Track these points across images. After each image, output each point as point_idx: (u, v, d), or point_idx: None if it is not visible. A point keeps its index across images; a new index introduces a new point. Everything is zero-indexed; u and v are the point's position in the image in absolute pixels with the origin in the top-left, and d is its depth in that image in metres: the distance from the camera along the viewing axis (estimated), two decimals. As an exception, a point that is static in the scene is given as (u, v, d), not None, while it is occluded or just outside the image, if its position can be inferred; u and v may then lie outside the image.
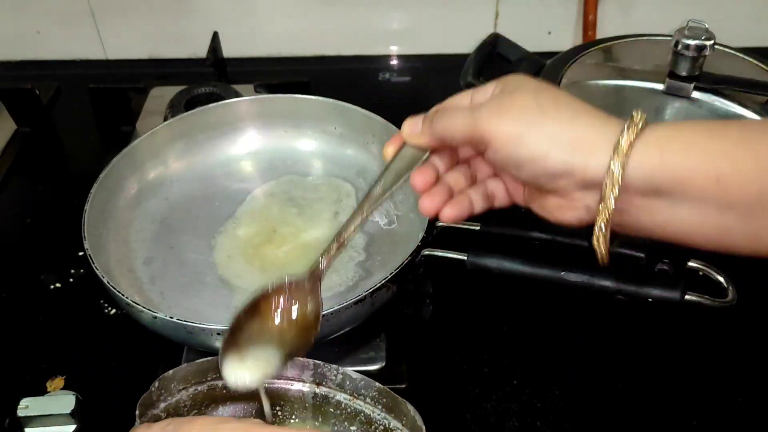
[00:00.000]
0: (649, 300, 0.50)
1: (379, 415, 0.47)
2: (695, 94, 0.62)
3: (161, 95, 0.85)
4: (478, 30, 0.82)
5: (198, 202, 0.67)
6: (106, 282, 0.51)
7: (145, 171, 0.67)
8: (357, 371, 0.56)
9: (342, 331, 0.52)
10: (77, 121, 0.87)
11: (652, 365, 0.58)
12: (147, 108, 0.85)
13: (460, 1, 0.92)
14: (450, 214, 0.45)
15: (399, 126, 0.66)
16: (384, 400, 0.47)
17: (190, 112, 0.69)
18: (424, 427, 0.44)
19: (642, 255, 0.52)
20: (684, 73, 0.61)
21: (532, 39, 0.78)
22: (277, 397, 0.49)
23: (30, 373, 0.57)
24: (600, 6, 0.91)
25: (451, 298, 0.63)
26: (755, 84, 0.62)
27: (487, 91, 0.44)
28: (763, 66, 0.65)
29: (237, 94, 0.80)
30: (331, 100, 0.69)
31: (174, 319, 0.49)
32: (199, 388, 0.47)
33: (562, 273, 0.51)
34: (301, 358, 0.48)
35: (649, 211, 0.40)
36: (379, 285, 0.50)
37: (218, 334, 0.48)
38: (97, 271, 0.52)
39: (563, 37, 0.95)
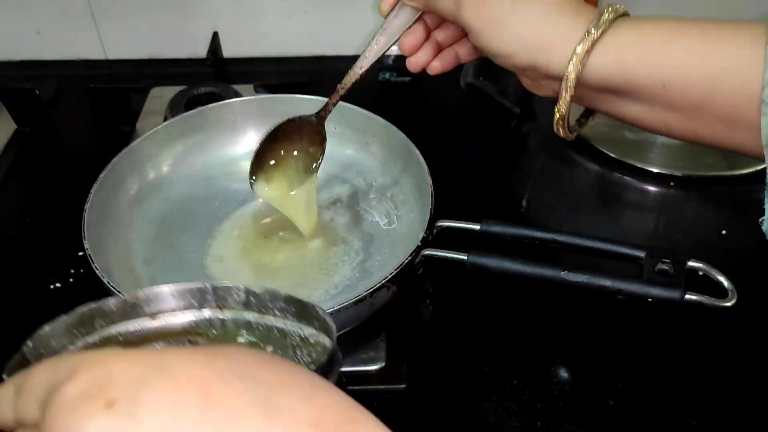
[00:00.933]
0: (650, 300, 0.50)
1: (291, 326, 0.43)
2: (695, 94, 0.61)
3: (161, 95, 0.85)
4: (478, 30, 0.82)
5: (198, 202, 0.67)
6: (106, 282, 0.51)
7: (145, 171, 0.67)
8: (356, 371, 0.57)
9: (342, 332, 0.52)
10: (77, 121, 0.87)
11: (652, 365, 0.58)
12: (147, 108, 0.85)
13: (460, 1, 0.92)
14: (437, 66, 0.53)
15: (399, 126, 0.66)
16: (292, 308, 0.43)
17: (190, 112, 0.69)
18: (334, 327, 0.40)
19: (642, 255, 0.52)
20: (684, 73, 0.61)
21: (532, 39, 0.78)
22: (183, 333, 0.43)
23: (30, 373, 0.57)
24: (600, 6, 0.91)
25: (451, 299, 0.63)
26: (755, 84, 0.62)
27: None
28: (763, 66, 0.65)
29: (237, 94, 0.80)
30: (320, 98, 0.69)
31: None
32: (90, 340, 0.42)
33: (563, 273, 0.51)
34: (196, 284, 0.42)
35: (603, 102, 0.47)
36: (378, 285, 0.50)
37: None
38: (97, 272, 0.52)
39: (563, 37, 0.95)
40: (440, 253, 0.54)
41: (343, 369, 0.57)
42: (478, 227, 0.55)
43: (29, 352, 0.39)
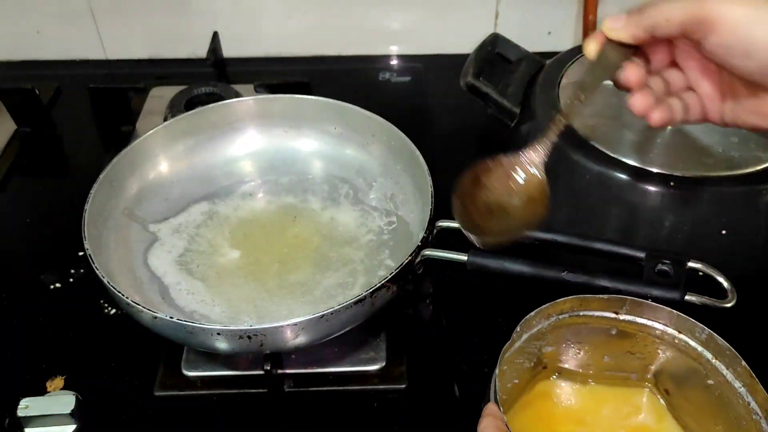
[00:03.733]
0: (650, 300, 0.49)
1: (739, 388, 0.46)
2: (695, 95, 0.62)
3: (161, 95, 0.85)
4: (478, 30, 0.82)
5: (198, 202, 0.67)
6: (106, 282, 0.51)
7: (145, 171, 0.67)
8: (356, 371, 0.57)
9: (342, 331, 0.52)
10: (77, 121, 0.87)
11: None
12: (147, 108, 0.85)
13: (460, 1, 0.92)
14: (658, 118, 0.44)
15: (399, 126, 0.66)
16: (746, 380, 0.46)
17: (190, 112, 0.69)
18: None
19: (642, 255, 0.52)
20: (684, 73, 0.61)
21: (532, 39, 0.78)
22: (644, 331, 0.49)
23: (30, 373, 0.57)
24: (600, 6, 0.91)
25: (452, 299, 0.63)
26: (755, 84, 0.62)
27: None
28: (763, 66, 0.66)
29: (237, 94, 0.80)
30: (330, 100, 0.69)
31: (174, 320, 0.49)
32: (559, 317, 0.49)
33: (563, 273, 0.51)
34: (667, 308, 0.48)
35: None
36: (378, 285, 0.50)
37: (218, 334, 0.48)
38: (97, 271, 0.52)
39: (563, 37, 0.95)
40: (440, 254, 0.54)
41: (343, 369, 0.57)
42: None
43: (516, 335, 0.47)
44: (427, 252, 0.54)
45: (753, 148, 0.57)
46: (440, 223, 0.56)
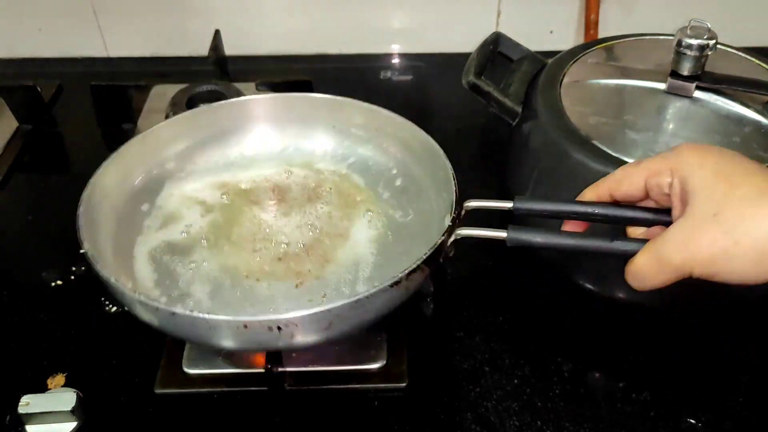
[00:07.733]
0: None
1: None
2: (697, 94, 0.61)
3: (163, 93, 0.85)
4: (480, 29, 0.82)
5: (201, 202, 0.66)
6: (112, 282, 0.49)
7: (137, 174, 0.65)
8: (357, 370, 0.56)
9: (375, 320, 0.50)
10: (79, 119, 0.87)
11: (654, 365, 0.58)
12: (148, 106, 0.85)
13: (462, -1, 0.92)
14: None
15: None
16: None
17: (190, 111, 0.67)
18: None
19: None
20: (686, 73, 0.61)
21: (534, 38, 0.78)
22: None
23: (31, 370, 0.58)
24: (602, 5, 0.91)
25: (453, 297, 0.63)
26: (757, 84, 0.62)
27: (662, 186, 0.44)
28: (765, 65, 0.65)
29: (238, 93, 0.80)
30: (332, 96, 0.68)
31: (194, 314, 0.46)
32: None
33: (613, 242, 0.46)
34: None
35: None
36: (414, 266, 0.48)
37: (245, 326, 0.46)
38: (100, 273, 0.51)
39: (565, 36, 0.95)
40: (476, 232, 0.50)
41: (344, 367, 0.57)
42: (510, 205, 0.50)
43: None
44: (462, 231, 0.51)
45: (755, 148, 0.57)
46: (469, 204, 0.52)
